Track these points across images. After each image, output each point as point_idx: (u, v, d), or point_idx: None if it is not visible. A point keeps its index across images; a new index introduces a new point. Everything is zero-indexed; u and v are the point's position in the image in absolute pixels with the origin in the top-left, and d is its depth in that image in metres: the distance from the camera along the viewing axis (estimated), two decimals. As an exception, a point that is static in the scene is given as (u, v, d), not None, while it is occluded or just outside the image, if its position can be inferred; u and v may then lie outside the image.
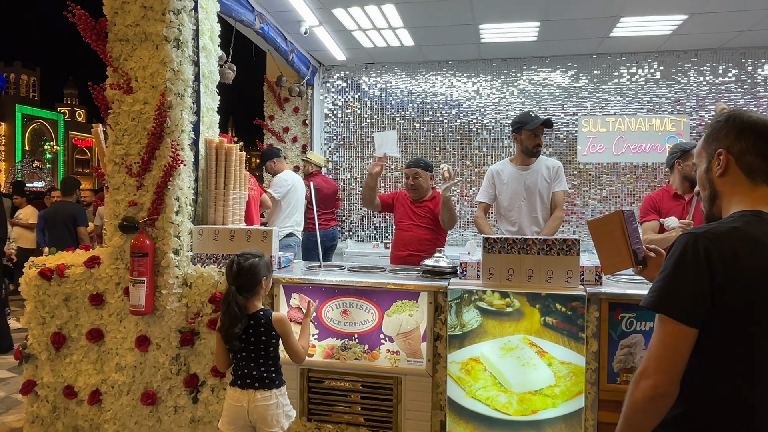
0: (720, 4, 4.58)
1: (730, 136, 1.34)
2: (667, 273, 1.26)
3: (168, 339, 2.90)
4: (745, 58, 5.80)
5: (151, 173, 2.87)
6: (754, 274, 1.20)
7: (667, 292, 1.24)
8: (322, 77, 6.72)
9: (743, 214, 1.29)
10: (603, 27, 5.21)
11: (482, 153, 6.41)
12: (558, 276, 2.59)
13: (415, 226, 3.81)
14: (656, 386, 1.21)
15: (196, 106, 3.00)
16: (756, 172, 1.32)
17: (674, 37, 5.45)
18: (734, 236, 1.23)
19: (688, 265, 1.22)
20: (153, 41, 2.84)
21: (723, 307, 1.21)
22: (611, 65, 6.09)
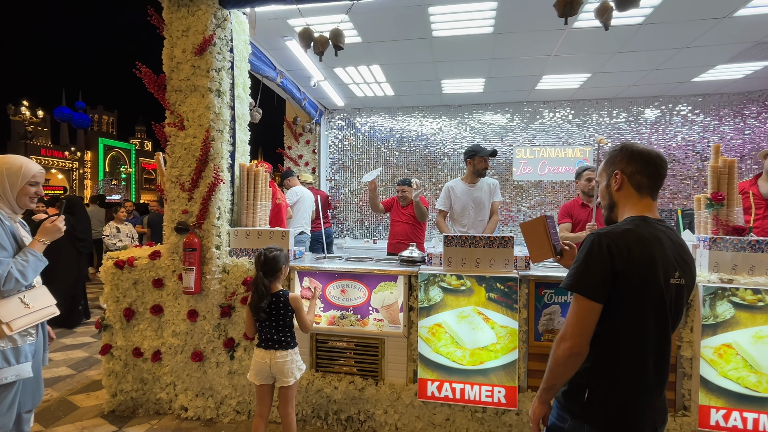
0: (613, 66, 4.65)
1: (623, 161, 1.35)
2: (579, 263, 1.26)
3: (211, 312, 2.86)
4: (632, 105, 5.89)
5: (199, 189, 2.84)
6: (642, 262, 1.21)
7: (580, 276, 1.25)
8: (326, 118, 6.70)
9: (633, 218, 1.30)
10: (530, 82, 5.27)
11: (444, 173, 6.42)
12: (498, 263, 2.60)
13: (402, 223, 4.22)
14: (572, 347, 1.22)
15: (232, 140, 2.97)
16: (642, 187, 1.33)
17: (581, 90, 5.53)
18: (628, 235, 1.23)
19: (594, 257, 1.23)
20: (200, 91, 2.82)
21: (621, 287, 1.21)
22: (537, 110, 6.14)
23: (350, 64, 4.73)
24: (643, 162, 1.32)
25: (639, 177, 1.32)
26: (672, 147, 5.82)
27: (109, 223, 5.85)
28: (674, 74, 4.92)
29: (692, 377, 2.36)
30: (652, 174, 1.32)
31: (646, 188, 1.32)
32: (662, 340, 1.25)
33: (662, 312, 1.23)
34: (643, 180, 1.32)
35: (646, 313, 1.22)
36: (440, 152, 6.43)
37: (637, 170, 1.32)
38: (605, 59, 4.49)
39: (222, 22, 2.85)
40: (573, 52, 4.30)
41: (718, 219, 2.53)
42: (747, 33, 3.82)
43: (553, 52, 4.32)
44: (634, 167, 1.33)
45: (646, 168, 1.32)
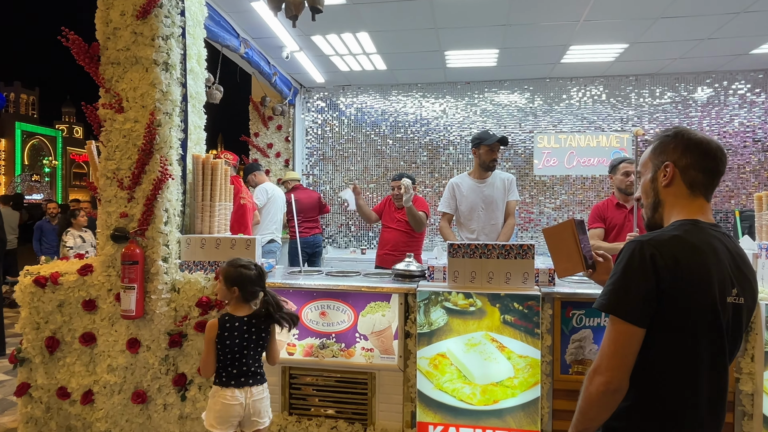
0: (655, 35, 4.72)
1: (677, 151, 1.34)
2: (617, 277, 1.26)
3: (157, 341, 2.83)
4: (678, 82, 5.97)
5: (141, 186, 2.81)
6: (693, 277, 1.20)
7: (617, 294, 1.24)
8: (303, 98, 6.70)
9: (683, 223, 1.30)
10: (555, 54, 5.32)
11: (449, 166, 6.45)
12: (515, 278, 2.61)
13: (393, 230, 4.15)
14: (609, 382, 1.21)
15: (183, 125, 2.96)
16: (696, 185, 1.32)
17: (617, 64, 5.59)
18: (675, 243, 1.23)
19: (635, 270, 1.22)
20: (143, 64, 2.80)
21: (668, 308, 1.21)
22: (563, 88, 6.20)
23: (332, 31, 4.73)
24: (702, 154, 1.32)
25: (694, 172, 1.32)
26: (727, 134, 5.91)
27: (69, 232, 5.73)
28: (729, 45, 4.99)
29: (754, 417, 2.38)
30: (710, 169, 1.32)
31: (701, 186, 1.33)
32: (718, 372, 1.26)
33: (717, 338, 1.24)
34: (698, 176, 1.32)
35: (697, 339, 1.22)
36: (444, 141, 6.46)
37: (692, 164, 1.32)
38: (646, 26, 4.54)
39: (171, -22, 2.84)
40: (607, 16, 4.35)
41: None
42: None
43: (582, 17, 4.36)
44: (690, 159, 1.32)
45: (704, 162, 1.31)
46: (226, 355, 2.21)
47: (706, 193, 1.34)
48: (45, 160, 38.68)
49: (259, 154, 6.40)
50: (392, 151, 6.57)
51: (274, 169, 6.40)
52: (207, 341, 2.22)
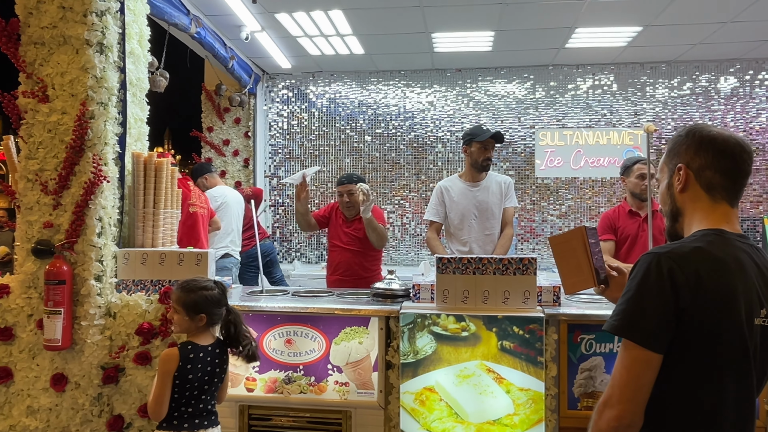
0: (672, 17, 4.82)
1: (689, 151, 1.37)
2: (630, 295, 1.27)
3: (88, 376, 2.76)
4: (698, 71, 6.12)
5: (70, 191, 2.76)
6: (717, 295, 1.22)
7: (631, 315, 1.25)
8: (265, 86, 6.68)
9: (706, 233, 1.31)
10: (558, 37, 5.40)
11: (437, 167, 6.49)
12: (515, 297, 2.62)
13: (343, 250, 3.90)
14: (621, 416, 1.22)
15: (122, 117, 2.91)
16: (715, 188, 1.34)
17: (629, 49, 5.69)
18: (697, 256, 1.24)
19: (651, 287, 1.24)
20: (73, 45, 2.75)
21: (687, 331, 1.22)
22: (568, 77, 6.31)
23: (300, 8, 4.73)
24: (717, 152, 1.34)
25: (710, 173, 1.34)
26: (754, 131, 6.07)
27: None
28: (757, 29, 5.13)
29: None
30: (728, 169, 1.34)
31: (721, 189, 1.35)
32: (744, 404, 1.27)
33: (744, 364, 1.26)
34: (716, 177, 1.34)
35: (721, 365, 1.24)
36: (432, 137, 6.50)
37: (707, 164, 1.35)
38: (662, 6, 4.64)
39: (107, -57, 2.81)
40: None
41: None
42: None
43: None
44: (704, 159, 1.35)
45: (721, 160, 1.34)
46: (184, 393, 2.17)
47: (729, 198, 1.36)
48: (-46, 159, 37.78)
49: (213, 153, 6.35)
50: (371, 149, 6.58)
51: (232, 170, 6.35)
52: (162, 375, 2.16)
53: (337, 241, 3.94)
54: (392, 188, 6.51)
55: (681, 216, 1.41)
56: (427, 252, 6.25)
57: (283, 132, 6.74)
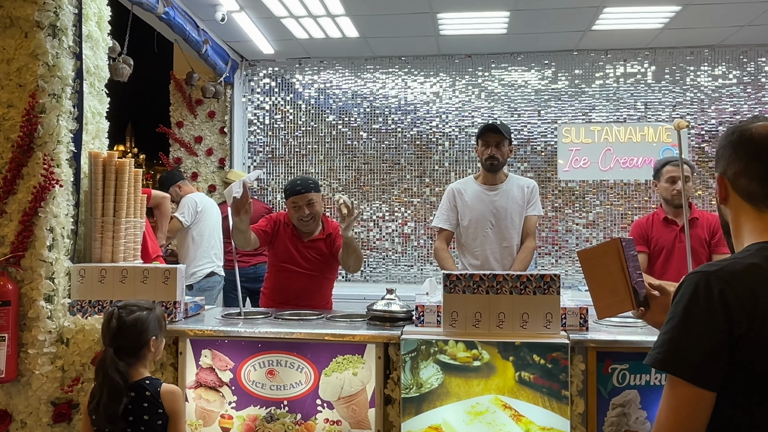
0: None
1: (725, 156, 1.37)
2: (675, 322, 1.25)
3: (36, 414, 2.75)
4: (745, 57, 6.14)
5: (16, 197, 2.77)
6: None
7: (677, 346, 1.23)
8: (244, 74, 6.70)
9: (761, 246, 1.29)
10: (584, 19, 5.41)
11: (443, 168, 6.49)
12: (535, 320, 2.61)
13: (299, 274, 3.63)
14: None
15: (77, 111, 2.93)
16: (754, 197, 1.33)
17: (666, 32, 5.71)
18: (753, 275, 1.23)
19: (700, 312, 1.22)
20: (21, 27, 2.77)
21: (745, 363, 1.20)
22: (595, 64, 6.32)
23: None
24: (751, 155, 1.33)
25: (745, 181, 1.33)
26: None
27: None
28: (812, 9, 5.15)
29: None
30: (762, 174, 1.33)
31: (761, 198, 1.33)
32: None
33: None
34: (752, 185, 1.33)
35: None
36: (437, 133, 6.51)
37: (741, 170, 1.34)
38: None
39: None
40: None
41: None
42: None
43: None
44: (739, 165, 1.34)
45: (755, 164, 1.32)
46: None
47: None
48: None
49: (183, 152, 6.35)
50: (367, 148, 6.60)
51: (205, 172, 6.35)
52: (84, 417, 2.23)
53: (290, 263, 3.62)
54: (391, 193, 6.52)
55: (731, 230, 1.41)
56: (432, 267, 6.24)
57: (265, 127, 6.75)
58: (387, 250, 6.47)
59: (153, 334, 2.25)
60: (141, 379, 2.21)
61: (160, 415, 2.19)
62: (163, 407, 2.19)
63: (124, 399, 2.13)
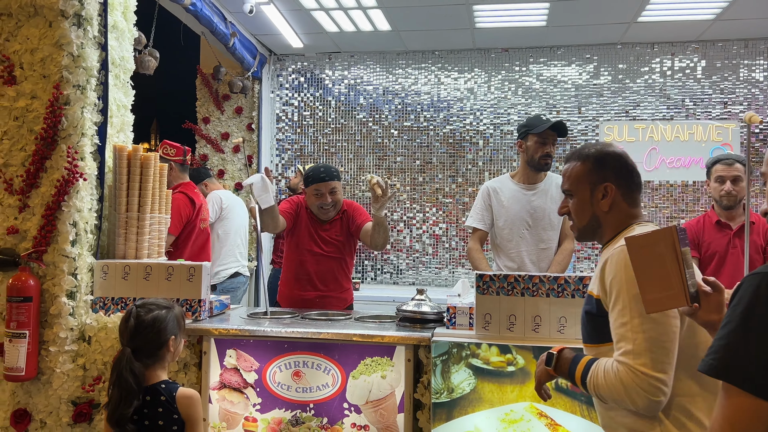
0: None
1: None
2: (732, 327, 1.23)
3: (56, 413, 2.80)
4: (804, 50, 6.01)
5: (39, 190, 2.81)
6: None
7: (734, 353, 1.21)
8: (273, 69, 6.75)
9: None
10: (629, 9, 5.35)
11: (477, 168, 6.47)
12: (573, 324, 2.59)
13: (323, 257, 3.73)
14: None
15: (102, 103, 2.97)
16: None
17: (719, 23, 5.62)
18: None
19: (760, 318, 1.20)
20: (45, 17, 2.82)
21: None
22: (640, 58, 6.24)
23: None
24: None
25: None
26: None
27: None
28: None
29: None
30: None
31: None
32: None
33: None
34: None
35: None
36: (471, 131, 6.49)
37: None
38: (758, -29, 4.58)
39: None
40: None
41: None
42: None
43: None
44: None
45: None
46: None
47: None
48: None
49: (209, 149, 6.43)
50: (398, 146, 6.60)
51: (231, 169, 6.41)
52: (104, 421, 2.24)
53: (308, 244, 3.73)
54: (423, 193, 6.50)
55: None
56: (464, 269, 6.22)
57: (294, 124, 6.79)
58: (417, 251, 6.46)
59: (172, 334, 2.26)
60: (157, 383, 2.23)
61: (175, 420, 2.19)
62: (179, 413, 2.20)
63: (135, 402, 2.13)
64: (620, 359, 1.61)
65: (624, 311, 1.65)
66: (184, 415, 2.20)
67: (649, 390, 1.56)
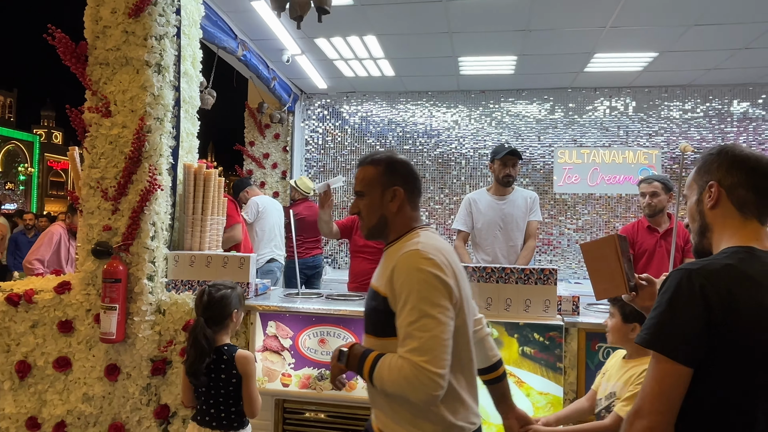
0: (687, 43, 4.75)
1: (721, 169, 1.33)
2: (661, 309, 1.23)
3: (139, 368, 2.81)
4: (712, 95, 6.00)
5: (127, 197, 2.82)
6: (750, 313, 1.18)
7: (662, 329, 1.22)
8: (303, 104, 6.76)
9: (736, 250, 1.27)
10: (578, 62, 5.35)
11: (460, 182, 6.46)
12: (536, 305, 2.59)
13: (368, 260, 3.79)
14: (651, 427, 1.19)
15: (175, 131, 2.98)
16: (747, 206, 1.30)
17: (645, 74, 5.62)
18: (728, 273, 1.21)
19: (683, 302, 1.20)
20: (134, 66, 2.82)
21: (719, 347, 1.18)
22: (586, 99, 6.24)
23: (337, 34, 4.79)
24: (750, 171, 1.30)
25: (743, 191, 1.30)
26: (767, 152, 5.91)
27: None
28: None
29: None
30: (761, 188, 1.30)
31: (753, 207, 1.30)
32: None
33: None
34: (749, 195, 1.30)
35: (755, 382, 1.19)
36: (456, 154, 6.49)
37: (740, 182, 1.31)
38: (678, 33, 4.58)
39: (167, -26, 2.89)
40: (636, 23, 4.39)
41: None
42: None
43: (609, 23, 4.40)
44: (737, 177, 1.31)
45: (754, 179, 1.30)
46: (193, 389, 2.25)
47: (759, 215, 1.32)
48: (20, 167, 38.95)
49: (254, 165, 6.44)
50: (399, 164, 6.58)
51: (270, 182, 6.42)
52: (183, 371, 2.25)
53: (360, 251, 3.87)
54: (418, 201, 6.48)
55: (710, 232, 1.36)
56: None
57: (318, 147, 6.80)
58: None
59: (235, 308, 2.27)
60: (222, 345, 2.23)
61: (234, 374, 2.20)
62: (237, 369, 2.20)
63: (207, 359, 2.15)
64: (405, 355, 1.42)
65: (413, 312, 1.43)
66: (241, 370, 2.20)
67: (429, 385, 1.37)
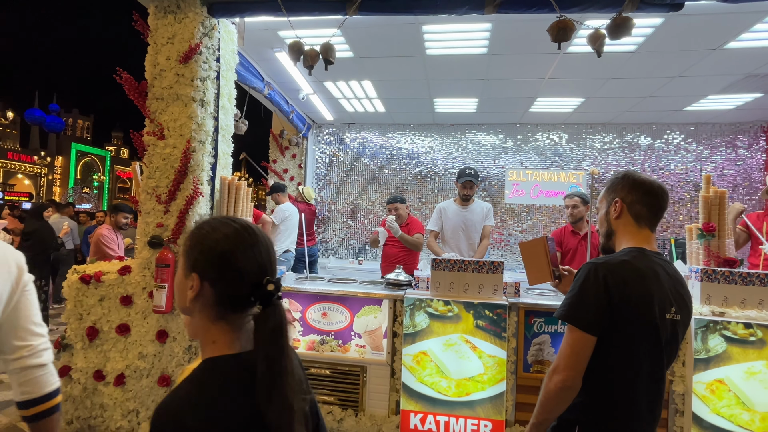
0: (607, 92, 4.80)
1: (624, 189, 1.37)
2: (575, 292, 1.27)
3: (182, 333, 2.79)
4: (625, 131, 6.06)
5: (176, 202, 2.81)
6: (638, 296, 1.21)
7: (575, 307, 1.25)
8: (314, 132, 6.74)
9: (631, 250, 1.31)
10: (524, 104, 5.39)
11: (434, 193, 6.47)
12: (487, 289, 2.61)
13: (395, 246, 3.95)
14: (565, 380, 1.22)
15: (214, 151, 2.97)
16: (641, 218, 1.34)
17: (575, 114, 5.67)
18: (624, 267, 1.24)
19: (590, 287, 1.23)
20: (183, 100, 2.82)
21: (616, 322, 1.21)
22: (530, 132, 6.28)
23: (341, 79, 4.79)
24: (645, 192, 1.35)
25: (639, 207, 1.35)
26: (664, 175, 5.98)
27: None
28: (667, 102, 5.09)
29: (684, 414, 2.37)
30: (652, 205, 1.34)
31: (645, 219, 1.35)
32: (656, 377, 1.26)
33: (657, 348, 1.25)
34: (643, 210, 1.34)
35: (640, 349, 1.23)
36: (431, 172, 6.50)
37: (637, 200, 1.35)
38: (599, 84, 4.63)
39: (209, 31, 2.88)
40: (567, 75, 4.44)
41: (710, 250, 2.59)
42: (738, 65, 4.00)
43: (547, 75, 4.44)
44: (635, 196, 1.35)
45: (647, 198, 1.34)
46: None
47: (650, 225, 1.36)
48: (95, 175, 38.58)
49: (276, 178, 6.41)
50: (387, 179, 6.60)
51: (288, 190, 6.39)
52: None
53: (390, 240, 3.99)
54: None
55: (614, 236, 1.41)
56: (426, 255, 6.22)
57: (326, 165, 6.78)
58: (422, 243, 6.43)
59: None
60: None
61: None
62: None
63: None
64: None
65: None
66: None
67: None
